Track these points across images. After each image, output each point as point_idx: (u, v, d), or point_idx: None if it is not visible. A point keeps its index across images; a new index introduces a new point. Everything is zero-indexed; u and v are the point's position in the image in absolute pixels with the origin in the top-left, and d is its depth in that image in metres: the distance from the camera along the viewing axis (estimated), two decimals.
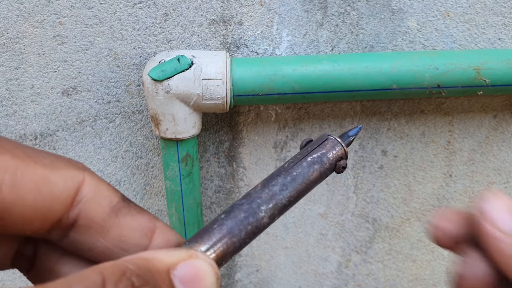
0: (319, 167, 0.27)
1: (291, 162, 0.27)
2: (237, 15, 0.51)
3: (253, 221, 0.24)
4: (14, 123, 0.53)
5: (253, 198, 0.25)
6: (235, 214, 0.24)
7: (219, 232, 0.23)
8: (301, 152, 0.27)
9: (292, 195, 0.26)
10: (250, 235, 0.24)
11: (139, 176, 0.58)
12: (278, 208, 0.25)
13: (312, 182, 0.27)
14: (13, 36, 0.49)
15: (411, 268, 0.68)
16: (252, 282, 0.67)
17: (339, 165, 0.28)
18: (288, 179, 0.26)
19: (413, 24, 0.53)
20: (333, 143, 0.28)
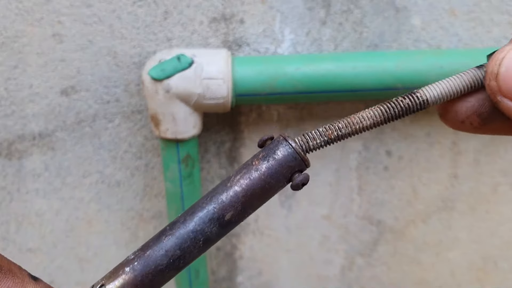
0: (266, 181, 0.22)
1: (238, 171, 0.23)
2: (239, 13, 0.50)
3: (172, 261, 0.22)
4: (12, 123, 0.52)
5: (182, 226, 0.22)
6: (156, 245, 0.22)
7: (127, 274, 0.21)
8: (252, 157, 0.23)
9: (232, 214, 0.22)
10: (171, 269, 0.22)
11: (139, 177, 0.57)
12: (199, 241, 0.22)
13: (257, 199, 0.23)
14: (11, 35, 0.49)
15: (416, 271, 0.67)
16: (254, 285, 0.66)
17: (295, 181, 0.23)
18: (228, 197, 0.22)
19: (417, 22, 0.53)
20: (285, 149, 0.22)
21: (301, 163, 0.23)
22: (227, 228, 0.23)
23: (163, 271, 0.22)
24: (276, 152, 0.23)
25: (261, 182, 0.22)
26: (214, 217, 0.22)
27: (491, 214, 0.64)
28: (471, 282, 0.68)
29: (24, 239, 0.58)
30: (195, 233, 0.22)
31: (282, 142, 0.23)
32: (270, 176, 0.22)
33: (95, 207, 0.58)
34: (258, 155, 0.23)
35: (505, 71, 0.19)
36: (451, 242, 0.65)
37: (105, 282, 0.22)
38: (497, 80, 0.19)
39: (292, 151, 0.23)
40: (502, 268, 0.67)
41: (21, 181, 0.55)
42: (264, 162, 0.23)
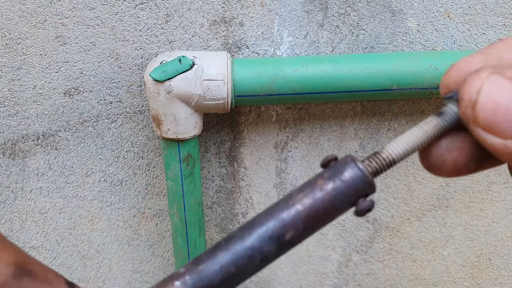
0: (331, 202, 0.21)
1: (300, 189, 0.22)
2: (238, 16, 0.51)
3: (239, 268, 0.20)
4: (16, 123, 0.53)
5: (239, 241, 0.21)
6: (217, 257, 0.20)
7: None
8: (316, 176, 0.22)
9: (293, 234, 0.21)
10: None
11: (141, 176, 0.58)
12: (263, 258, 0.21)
13: (319, 220, 0.21)
14: (15, 37, 0.49)
15: (411, 267, 0.68)
16: (253, 282, 0.67)
17: (361, 206, 0.21)
18: (290, 215, 0.21)
19: (413, 25, 0.54)
20: (354, 171, 0.21)
21: (368, 187, 0.21)
22: (284, 249, 0.21)
23: (216, 287, 0.21)
24: (343, 173, 0.21)
25: (325, 203, 0.21)
26: (274, 236, 0.21)
27: (485, 212, 0.65)
28: (465, 279, 0.69)
29: (28, 237, 0.59)
30: (252, 251, 0.21)
31: (350, 163, 0.21)
32: (335, 198, 0.21)
33: (97, 205, 0.59)
34: (323, 174, 0.21)
35: (484, 101, 0.17)
36: (446, 240, 0.66)
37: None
38: (475, 110, 0.17)
39: (361, 174, 0.21)
40: (496, 265, 0.68)
41: (25, 180, 0.56)
42: (329, 182, 0.21)
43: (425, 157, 0.20)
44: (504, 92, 0.17)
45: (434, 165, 0.20)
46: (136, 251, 0.62)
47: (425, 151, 0.20)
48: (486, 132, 0.17)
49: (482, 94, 0.17)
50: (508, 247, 0.67)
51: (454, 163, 0.19)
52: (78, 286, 0.20)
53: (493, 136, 0.17)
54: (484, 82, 0.17)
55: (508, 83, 0.17)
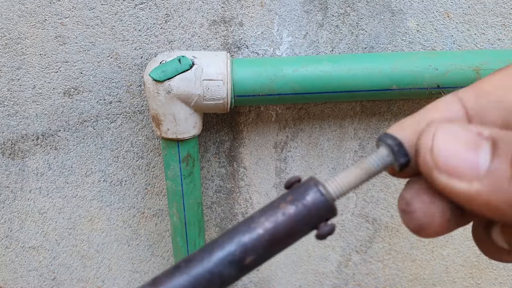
0: (292, 226, 0.21)
1: (263, 212, 0.22)
2: (238, 16, 0.51)
3: None
4: (15, 123, 0.53)
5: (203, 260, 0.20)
6: None
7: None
8: (279, 199, 0.22)
9: (253, 258, 0.20)
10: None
11: (140, 176, 0.58)
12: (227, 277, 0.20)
13: (280, 244, 0.21)
14: (14, 37, 0.49)
15: (411, 267, 0.68)
16: (252, 282, 0.67)
17: (322, 230, 0.21)
18: (251, 239, 0.21)
19: (412, 25, 0.54)
20: (316, 196, 0.21)
21: (330, 211, 0.21)
22: (244, 272, 0.21)
23: None
24: (305, 197, 0.21)
25: (287, 228, 0.21)
26: (234, 260, 0.21)
27: None
28: (465, 279, 0.69)
29: (27, 237, 0.59)
30: (212, 275, 0.20)
31: (312, 188, 0.21)
32: (297, 222, 0.21)
33: (97, 205, 0.59)
34: (286, 198, 0.21)
35: (440, 145, 0.17)
36: (445, 239, 0.66)
37: None
38: (433, 155, 0.17)
39: (324, 199, 0.21)
40: (495, 265, 0.68)
41: (24, 180, 0.56)
42: (292, 206, 0.21)
43: (410, 218, 0.19)
44: (456, 137, 0.17)
45: (422, 224, 0.19)
46: (136, 251, 0.62)
47: (408, 212, 0.19)
48: (449, 176, 0.17)
49: (437, 139, 0.18)
50: None
51: (442, 216, 0.19)
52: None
53: (457, 181, 0.17)
54: (437, 129, 0.18)
55: (458, 127, 0.18)
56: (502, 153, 0.16)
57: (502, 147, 0.16)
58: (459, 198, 0.17)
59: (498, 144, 0.17)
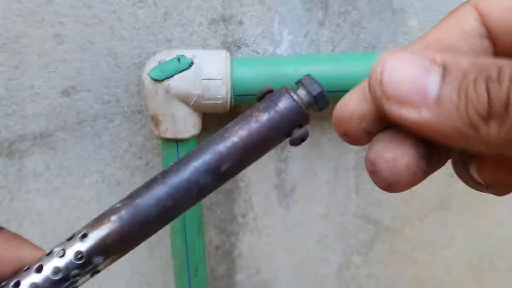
0: (266, 133, 0.21)
1: (236, 122, 0.22)
2: (238, 15, 0.51)
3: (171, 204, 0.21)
4: (13, 123, 0.53)
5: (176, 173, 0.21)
6: None
7: None
8: (251, 108, 0.22)
9: (229, 166, 0.21)
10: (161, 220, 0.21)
11: (139, 176, 0.58)
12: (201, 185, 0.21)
13: (256, 151, 0.22)
14: (12, 36, 0.49)
15: (412, 269, 0.67)
16: (252, 283, 0.67)
17: (295, 135, 0.22)
18: (226, 147, 0.21)
19: (414, 23, 0.53)
20: (288, 102, 0.22)
21: (302, 117, 0.22)
22: (221, 181, 0.22)
23: (152, 222, 0.21)
24: (277, 104, 0.22)
25: (261, 134, 0.21)
26: (210, 168, 0.21)
27: (487, 213, 0.64)
28: (467, 281, 0.69)
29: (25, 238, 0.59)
30: (189, 183, 0.21)
31: (284, 94, 0.22)
32: (270, 129, 0.21)
33: (95, 206, 0.58)
34: (259, 106, 0.22)
35: (388, 74, 0.17)
36: (447, 241, 0.66)
37: (88, 231, 0.21)
38: (382, 85, 0.17)
39: (295, 104, 0.22)
40: (498, 267, 0.68)
41: (22, 181, 0.56)
42: (265, 113, 0.21)
43: (377, 178, 0.19)
44: (407, 64, 0.17)
45: (390, 182, 0.19)
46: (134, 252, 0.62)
47: (375, 172, 0.19)
48: (398, 105, 0.17)
49: (386, 68, 0.17)
50: (510, 249, 0.67)
51: (407, 171, 0.18)
52: (5, 228, 0.21)
53: (406, 109, 0.17)
54: (387, 58, 0.17)
55: (410, 55, 0.17)
56: (451, 80, 0.16)
57: (452, 73, 0.16)
58: (411, 127, 0.17)
59: (448, 70, 0.16)
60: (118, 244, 0.21)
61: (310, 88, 0.22)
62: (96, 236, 0.21)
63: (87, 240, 0.21)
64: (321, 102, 0.23)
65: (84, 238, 0.21)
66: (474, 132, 0.15)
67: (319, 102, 0.23)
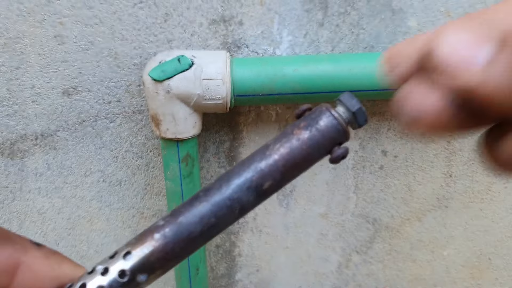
0: (307, 151, 0.21)
1: (277, 139, 0.22)
2: (238, 15, 0.51)
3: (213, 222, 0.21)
4: (14, 123, 0.53)
5: (218, 191, 0.21)
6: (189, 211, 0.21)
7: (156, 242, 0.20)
8: (292, 126, 0.22)
9: (270, 184, 0.21)
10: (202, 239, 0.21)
11: (140, 176, 0.58)
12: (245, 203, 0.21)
13: (297, 169, 0.22)
14: (13, 36, 0.49)
15: (411, 268, 0.68)
16: (252, 282, 0.67)
17: (336, 153, 0.22)
18: (267, 165, 0.21)
19: (413, 24, 0.53)
20: (329, 119, 0.21)
21: (343, 135, 0.22)
22: (263, 197, 0.22)
23: (196, 239, 0.21)
24: (318, 122, 0.21)
25: (302, 152, 0.21)
26: (252, 186, 0.21)
27: (485, 212, 0.65)
28: (465, 279, 0.69)
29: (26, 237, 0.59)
30: (232, 201, 0.21)
31: (325, 112, 0.22)
32: (311, 147, 0.21)
33: (96, 206, 0.59)
34: (299, 124, 0.22)
35: (447, 40, 0.17)
36: (446, 240, 0.66)
37: (132, 249, 0.21)
38: (438, 50, 0.17)
39: (336, 122, 0.21)
40: (496, 265, 0.68)
41: (24, 180, 0.56)
42: (306, 131, 0.21)
43: (407, 107, 0.19)
44: (464, 33, 0.17)
45: (415, 114, 0.18)
46: None
47: (406, 101, 0.18)
48: (452, 70, 0.17)
49: (444, 36, 0.17)
50: (508, 247, 0.67)
51: (435, 105, 0.18)
52: (45, 245, 0.20)
53: (460, 73, 0.16)
54: (445, 28, 0.17)
55: (469, 23, 0.17)
56: (509, 48, 0.16)
57: (510, 40, 0.16)
58: (461, 91, 0.17)
59: (507, 39, 0.16)
60: (162, 262, 0.21)
61: (348, 104, 0.22)
62: (140, 254, 0.20)
63: (130, 258, 0.21)
64: (360, 118, 0.22)
65: (127, 256, 0.21)
66: None
67: (358, 119, 0.22)
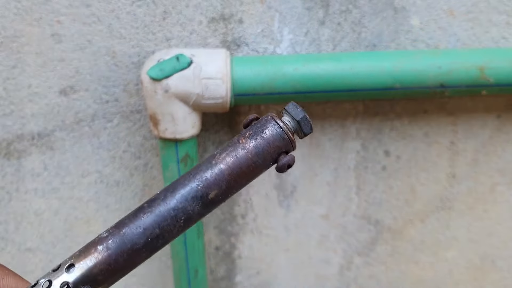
0: (253, 159, 0.21)
1: (223, 149, 0.22)
2: (237, 13, 0.51)
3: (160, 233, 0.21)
4: (11, 123, 0.52)
5: (163, 203, 0.21)
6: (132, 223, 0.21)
7: None
8: (238, 135, 0.22)
9: (216, 193, 0.21)
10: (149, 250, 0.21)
11: (138, 177, 0.57)
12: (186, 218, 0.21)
13: (243, 178, 0.22)
14: (10, 35, 0.49)
15: (414, 270, 0.67)
16: (252, 285, 0.66)
17: (282, 161, 0.22)
18: (213, 174, 0.21)
19: (416, 22, 0.53)
20: (274, 128, 0.21)
21: (288, 143, 0.22)
22: (209, 207, 0.22)
23: (140, 250, 0.21)
24: (264, 131, 0.22)
25: (248, 161, 0.22)
26: (197, 195, 0.21)
27: (489, 213, 0.64)
28: (469, 281, 0.68)
29: (23, 239, 0.58)
30: (176, 211, 0.21)
31: (270, 121, 0.22)
32: (257, 155, 0.22)
33: (93, 207, 0.58)
34: (245, 133, 0.22)
35: None
36: (449, 242, 0.65)
37: (75, 261, 0.20)
38: None
39: (281, 131, 0.22)
40: (500, 267, 0.67)
41: (20, 181, 0.55)
42: (251, 140, 0.22)
43: None
44: None
45: None
46: None
47: None
48: None
49: None
50: None
51: None
52: (4, 266, 0.20)
53: None
54: None
55: None
56: None
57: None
58: None
59: None
60: (106, 274, 0.20)
61: (293, 113, 0.23)
62: (83, 266, 0.20)
63: (73, 271, 0.20)
64: (305, 126, 0.23)
65: (70, 269, 0.20)
66: None
67: (303, 127, 0.23)
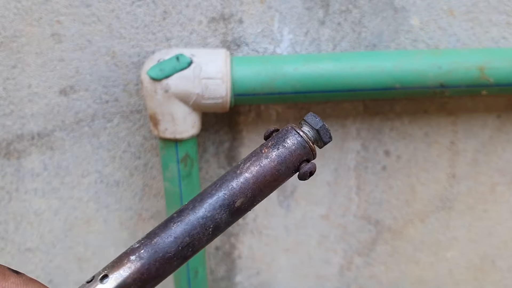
0: (276, 168, 0.22)
1: (247, 159, 0.23)
2: (237, 13, 0.50)
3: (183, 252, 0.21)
4: (11, 123, 0.52)
5: (190, 215, 0.22)
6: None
7: None
8: (261, 146, 0.23)
9: (242, 201, 0.22)
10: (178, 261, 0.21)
11: (138, 177, 0.57)
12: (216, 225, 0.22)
13: (267, 186, 0.23)
14: (10, 35, 0.49)
15: (414, 270, 0.67)
16: (252, 285, 0.66)
17: (303, 169, 0.23)
18: (238, 183, 0.22)
19: (416, 22, 0.53)
20: (295, 137, 0.23)
21: (309, 152, 0.23)
22: (236, 216, 0.23)
23: (171, 259, 0.21)
24: (285, 141, 0.23)
25: (271, 170, 0.23)
26: (224, 204, 0.22)
27: (489, 213, 0.64)
28: (469, 282, 0.68)
29: (23, 239, 0.58)
30: (205, 220, 0.22)
31: (291, 131, 0.23)
32: (280, 164, 0.23)
33: (93, 207, 0.58)
34: (267, 143, 0.23)
35: None
36: (449, 242, 0.65)
37: (109, 272, 0.21)
38: None
39: (302, 140, 0.23)
40: (500, 267, 0.67)
41: (20, 181, 0.55)
42: (274, 150, 0.23)
43: None
44: None
45: None
46: None
47: None
48: None
49: None
50: None
51: None
52: (24, 273, 0.20)
53: None
54: None
55: None
56: None
57: None
58: None
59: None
60: (139, 283, 0.21)
61: (312, 123, 0.24)
62: (117, 276, 0.21)
63: (108, 281, 0.21)
64: (324, 135, 0.24)
65: (104, 279, 0.21)
66: None
67: (322, 135, 0.24)
